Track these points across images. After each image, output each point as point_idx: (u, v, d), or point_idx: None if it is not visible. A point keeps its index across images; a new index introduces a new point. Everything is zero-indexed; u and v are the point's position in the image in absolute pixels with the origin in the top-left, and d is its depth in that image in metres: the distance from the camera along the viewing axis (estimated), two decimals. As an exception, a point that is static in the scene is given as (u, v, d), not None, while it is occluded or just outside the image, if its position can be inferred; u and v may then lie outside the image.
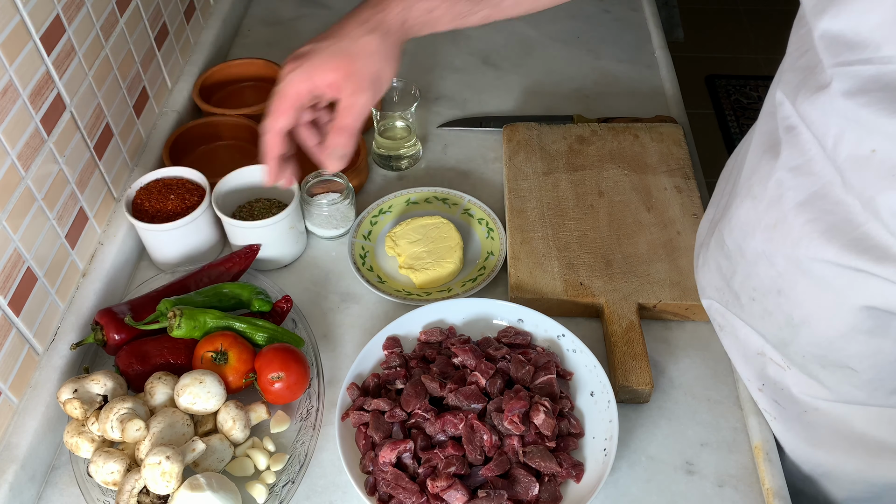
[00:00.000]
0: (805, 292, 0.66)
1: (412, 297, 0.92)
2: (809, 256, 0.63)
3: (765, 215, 0.67)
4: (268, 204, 0.99)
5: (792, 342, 0.71)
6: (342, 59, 0.69)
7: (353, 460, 0.77)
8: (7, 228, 0.76)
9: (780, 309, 0.70)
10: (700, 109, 2.64)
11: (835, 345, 0.66)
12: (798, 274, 0.66)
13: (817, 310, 0.66)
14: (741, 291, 0.75)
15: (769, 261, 0.68)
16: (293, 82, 0.70)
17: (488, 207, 1.02)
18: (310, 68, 0.70)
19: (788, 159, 0.64)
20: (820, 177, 0.61)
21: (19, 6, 0.77)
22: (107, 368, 0.84)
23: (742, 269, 0.74)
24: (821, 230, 0.61)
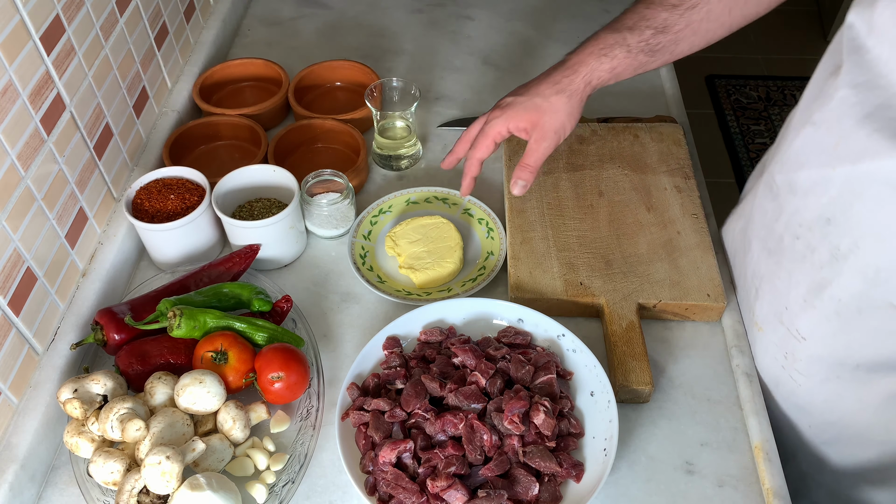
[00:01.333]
0: (860, 212, 0.67)
1: (412, 297, 0.92)
2: (872, 167, 0.64)
3: (825, 137, 0.69)
4: (268, 204, 0.99)
5: (832, 282, 0.71)
6: (533, 113, 0.85)
7: (353, 460, 0.77)
8: (7, 228, 0.76)
9: (827, 241, 0.71)
10: (700, 109, 2.64)
11: (882, 274, 0.67)
12: (854, 193, 0.67)
13: (871, 230, 0.66)
14: (785, 231, 0.77)
15: (823, 187, 0.70)
16: (495, 126, 0.88)
17: (488, 207, 1.02)
18: (508, 117, 0.87)
19: (853, 77, 0.66)
20: (886, 89, 0.63)
21: (19, 6, 0.77)
22: (107, 368, 0.84)
23: (789, 206, 0.76)
24: (888, 136, 0.62)
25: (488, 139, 0.88)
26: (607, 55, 0.83)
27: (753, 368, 0.85)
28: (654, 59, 0.84)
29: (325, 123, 1.10)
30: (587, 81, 0.84)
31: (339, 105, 1.20)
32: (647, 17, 0.83)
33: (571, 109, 0.85)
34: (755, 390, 0.83)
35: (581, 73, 0.84)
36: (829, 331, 0.74)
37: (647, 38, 0.82)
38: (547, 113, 0.85)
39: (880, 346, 0.70)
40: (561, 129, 0.86)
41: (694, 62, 2.78)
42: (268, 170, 0.98)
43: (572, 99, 0.84)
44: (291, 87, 1.16)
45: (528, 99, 0.86)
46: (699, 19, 0.82)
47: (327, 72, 1.21)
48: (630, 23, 0.83)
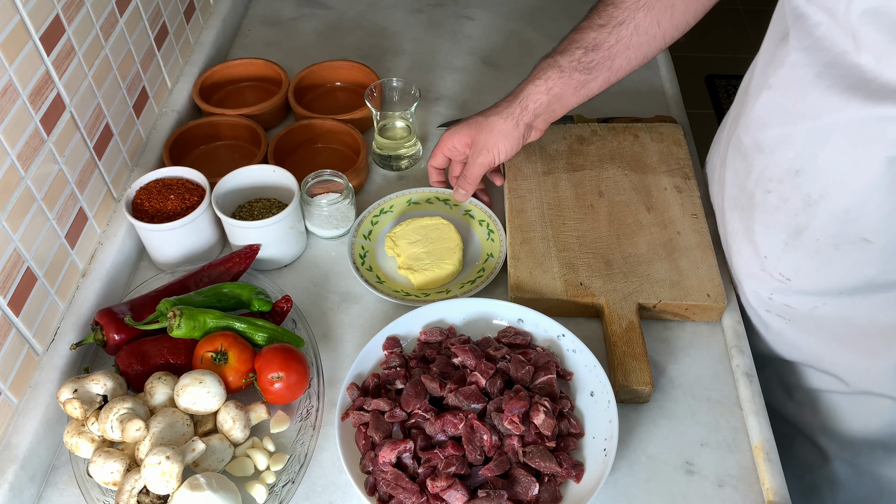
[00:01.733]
0: (826, 162, 0.73)
1: (410, 298, 0.92)
2: (831, 121, 0.70)
3: (782, 98, 0.76)
4: (268, 204, 0.99)
5: (807, 226, 0.77)
6: (472, 129, 0.97)
7: (353, 460, 0.77)
8: (7, 228, 0.76)
9: (798, 191, 0.77)
10: (700, 109, 2.64)
11: (852, 214, 0.73)
12: (818, 145, 0.73)
13: (837, 177, 0.72)
14: (756, 188, 0.83)
15: (788, 143, 0.76)
16: (444, 138, 1.00)
17: (489, 209, 1.02)
18: (454, 131, 0.99)
19: (800, 42, 0.72)
20: (831, 49, 0.69)
21: (19, 6, 0.77)
22: (107, 368, 0.84)
23: (759, 163, 0.81)
24: (839, 91, 0.68)
25: (438, 150, 1.02)
26: (541, 77, 0.92)
27: (753, 368, 0.85)
28: (593, 75, 0.91)
29: (325, 123, 1.10)
30: (523, 106, 0.93)
31: (339, 105, 1.20)
32: (576, 40, 0.91)
33: (506, 130, 0.94)
34: (755, 390, 0.83)
35: (519, 97, 0.93)
36: (812, 268, 0.80)
37: (579, 58, 0.91)
38: (483, 131, 0.95)
39: (858, 274, 0.77)
40: (494, 147, 0.95)
41: (694, 62, 2.79)
42: (268, 170, 0.98)
43: (507, 121, 0.94)
44: (291, 87, 1.16)
45: (475, 118, 0.97)
46: (628, 34, 0.89)
47: (327, 72, 1.21)
48: (562, 47, 0.93)
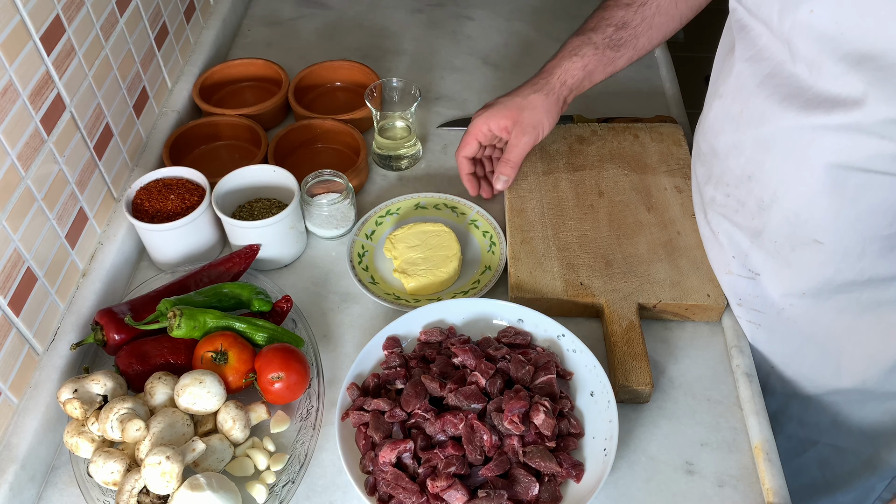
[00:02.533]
0: (772, 168, 0.75)
1: (400, 303, 0.92)
2: (773, 129, 0.72)
3: (731, 106, 0.79)
4: (268, 204, 0.99)
5: (764, 228, 0.79)
6: (513, 110, 0.94)
7: (353, 460, 0.77)
8: (7, 228, 0.76)
9: (752, 195, 0.79)
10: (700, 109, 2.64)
11: (801, 217, 0.75)
12: (764, 152, 0.75)
13: (784, 182, 0.75)
14: (716, 192, 0.86)
15: (739, 150, 0.79)
16: (477, 124, 0.96)
17: (495, 221, 1.01)
18: (490, 115, 0.95)
19: (743, 52, 0.76)
20: (771, 60, 0.72)
21: (19, 6, 0.77)
22: (107, 368, 0.84)
23: (717, 168, 0.84)
24: (778, 101, 0.71)
25: (471, 137, 0.97)
26: (577, 54, 0.93)
27: (753, 368, 0.85)
28: (620, 53, 0.94)
29: (325, 123, 1.10)
30: (562, 81, 0.93)
31: (339, 105, 1.20)
32: (606, 17, 0.93)
33: (549, 106, 0.93)
34: (755, 390, 0.83)
35: (556, 73, 0.93)
36: (774, 266, 0.82)
37: (610, 35, 0.93)
38: (525, 110, 0.93)
39: (816, 275, 0.79)
40: (539, 125, 0.94)
41: (694, 62, 2.79)
42: (267, 170, 0.98)
43: (549, 97, 0.93)
44: (291, 88, 1.16)
45: (509, 99, 0.94)
46: (651, 14, 0.93)
47: (327, 72, 1.21)
48: (592, 24, 0.94)
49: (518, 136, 0.94)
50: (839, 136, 0.67)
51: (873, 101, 0.63)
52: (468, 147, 0.98)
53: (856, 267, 0.76)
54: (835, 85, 0.65)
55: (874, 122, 0.64)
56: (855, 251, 0.74)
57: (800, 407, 0.94)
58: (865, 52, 0.62)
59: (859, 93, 0.64)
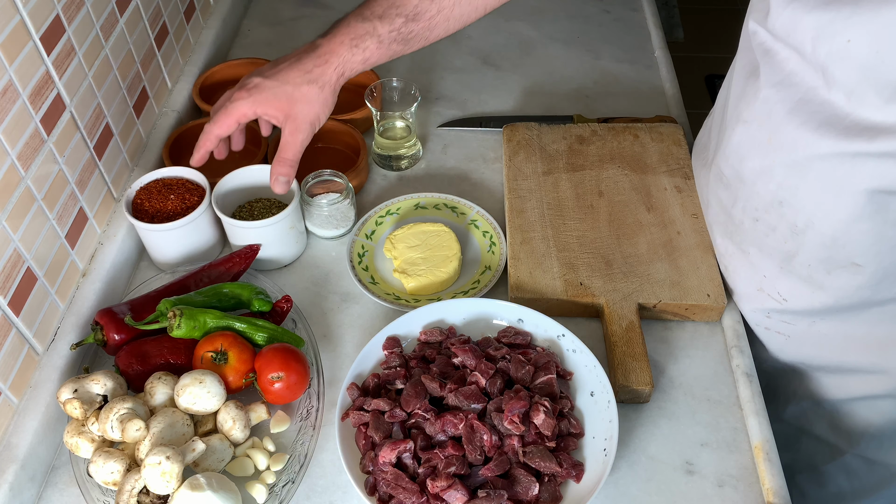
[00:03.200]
0: (807, 194, 0.73)
1: (400, 302, 0.92)
2: (808, 155, 0.70)
3: (758, 133, 0.76)
4: (268, 204, 0.99)
5: (798, 253, 0.77)
6: (284, 102, 0.83)
7: (353, 460, 0.77)
8: (7, 228, 0.76)
9: (784, 220, 0.77)
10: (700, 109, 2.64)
11: (839, 241, 0.72)
12: (798, 178, 0.72)
13: (820, 208, 0.72)
14: (744, 216, 0.82)
15: (768, 175, 0.76)
16: (241, 107, 0.84)
17: (495, 221, 1.00)
18: (256, 102, 0.84)
19: (770, 78, 0.72)
20: (801, 85, 0.69)
21: (19, 6, 0.77)
22: (107, 368, 0.84)
23: (742, 194, 0.81)
24: (813, 128, 0.68)
25: (231, 118, 0.85)
26: (359, 46, 0.83)
27: (753, 368, 0.85)
28: (409, 46, 0.85)
29: (325, 123, 1.10)
30: (340, 73, 0.84)
31: (339, 105, 1.19)
32: (397, 5, 0.83)
33: (325, 99, 0.85)
34: (755, 390, 0.83)
35: (333, 63, 0.83)
36: (807, 291, 0.80)
37: (399, 27, 0.83)
38: (299, 103, 0.84)
39: (853, 295, 0.77)
40: (315, 120, 0.86)
41: (694, 62, 2.79)
42: (267, 170, 0.98)
43: (324, 90, 0.84)
44: (291, 87, 1.16)
45: (279, 85, 0.83)
46: (450, 4, 0.83)
47: (327, 72, 1.20)
48: (380, 10, 0.83)
49: (293, 133, 0.86)
50: (882, 163, 0.65)
51: None
52: (226, 127, 0.86)
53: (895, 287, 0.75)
54: (878, 113, 0.64)
55: None
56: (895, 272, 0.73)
57: (830, 408, 0.92)
58: None
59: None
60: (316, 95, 0.84)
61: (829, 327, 0.82)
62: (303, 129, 0.86)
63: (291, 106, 0.84)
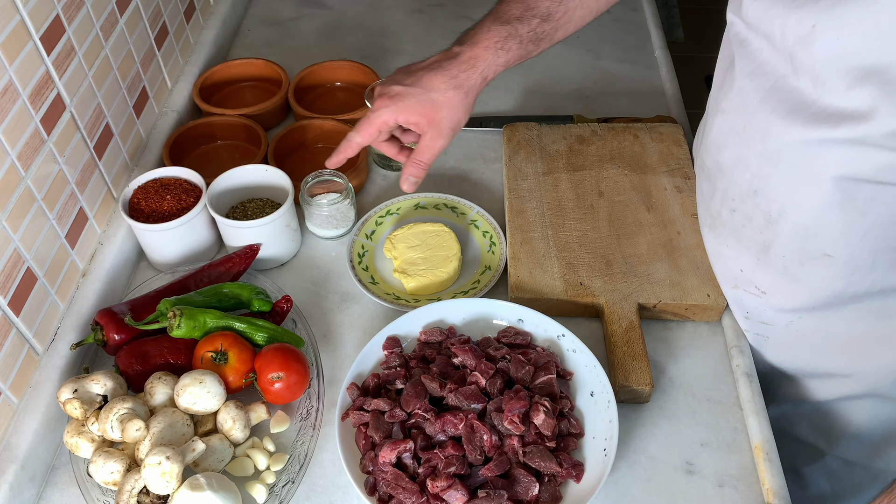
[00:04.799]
0: (779, 182, 0.74)
1: (400, 302, 0.92)
2: (779, 143, 0.71)
3: (734, 122, 0.77)
4: (261, 204, 0.99)
5: (773, 243, 0.78)
6: (428, 108, 0.83)
7: (353, 460, 0.77)
8: (7, 228, 0.76)
9: (759, 209, 0.78)
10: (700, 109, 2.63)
11: (811, 231, 0.74)
12: (770, 166, 0.74)
13: (792, 196, 0.73)
14: (722, 207, 0.84)
15: (744, 164, 0.77)
16: (383, 115, 0.84)
17: (495, 221, 1.00)
18: (399, 109, 0.83)
19: (744, 67, 0.74)
20: (773, 74, 0.70)
21: (19, 6, 0.77)
22: (107, 368, 0.84)
23: (721, 184, 0.83)
24: (782, 115, 0.70)
25: (373, 127, 0.85)
26: (503, 48, 0.84)
27: (753, 368, 0.85)
28: (539, 47, 0.87)
29: (325, 123, 1.10)
30: (483, 77, 0.85)
31: (339, 105, 1.20)
32: (531, 7, 0.85)
33: (468, 105, 0.85)
34: (755, 390, 0.83)
35: (478, 68, 0.84)
36: (783, 283, 0.80)
37: (534, 27, 0.85)
38: (444, 109, 0.84)
39: (826, 289, 0.77)
40: (458, 126, 0.86)
41: (694, 62, 2.78)
42: (260, 169, 0.98)
43: (469, 95, 0.84)
44: (291, 88, 1.16)
45: (424, 93, 0.83)
46: (574, 6, 0.86)
47: (327, 72, 1.21)
48: (517, 13, 0.85)
49: (435, 138, 0.85)
50: (847, 150, 0.66)
51: (882, 114, 0.62)
52: (368, 135, 0.86)
53: (867, 279, 0.75)
54: (841, 99, 0.65)
55: (883, 134, 0.64)
56: (866, 263, 0.74)
57: (811, 409, 0.93)
58: (871, 65, 0.61)
59: (867, 106, 0.63)
60: (461, 101, 0.84)
61: (807, 326, 0.82)
62: (445, 134, 0.85)
63: (436, 112, 0.84)
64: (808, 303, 0.80)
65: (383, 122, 0.85)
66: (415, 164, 0.87)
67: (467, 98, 0.84)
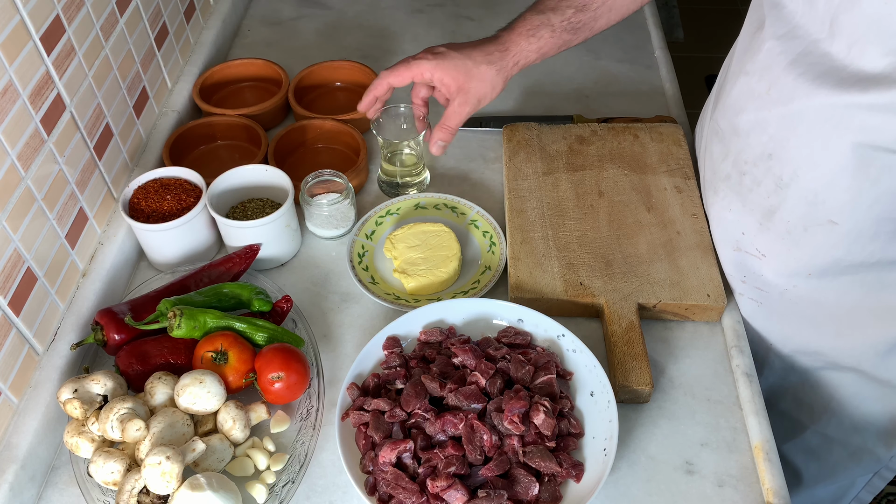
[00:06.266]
0: (796, 146, 0.75)
1: (400, 302, 0.92)
2: (802, 107, 0.72)
3: (757, 84, 0.78)
4: (261, 204, 0.99)
5: (779, 208, 0.80)
6: (462, 74, 0.89)
7: (353, 460, 0.77)
8: (7, 228, 0.76)
9: (770, 173, 0.79)
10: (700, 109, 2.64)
11: (820, 196, 0.75)
12: (790, 130, 0.75)
13: (807, 160, 0.74)
14: (732, 170, 0.85)
15: (761, 127, 0.78)
16: (422, 66, 0.90)
17: (495, 221, 1.00)
18: (437, 66, 0.89)
19: (775, 30, 0.75)
20: (804, 38, 0.71)
21: (19, 6, 0.77)
22: (107, 368, 0.84)
23: (735, 146, 0.84)
24: (811, 79, 0.71)
25: (410, 72, 0.91)
26: (535, 35, 0.90)
27: (753, 368, 0.85)
28: (577, 36, 0.92)
29: (325, 124, 1.10)
30: (515, 61, 0.91)
31: (339, 105, 1.20)
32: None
33: (496, 83, 0.91)
34: (755, 390, 0.83)
35: (511, 51, 0.90)
36: (783, 248, 0.82)
37: (570, 17, 0.90)
38: (475, 79, 0.90)
39: (826, 256, 0.79)
40: (483, 98, 0.91)
41: (694, 62, 2.79)
42: (260, 169, 0.98)
43: (500, 74, 0.90)
44: (291, 88, 1.16)
45: (462, 59, 0.89)
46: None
47: (327, 72, 1.21)
48: (552, 3, 0.91)
49: (462, 104, 0.92)
50: (871, 116, 0.67)
51: None
52: (401, 78, 0.92)
53: (866, 249, 0.77)
54: (876, 64, 0.65)
55: None
56: (868, 233, 0.75)
57: (797, 381, 0.95)
58: None
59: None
60: (491, 77, 0.90)
61: (801, 294, 0.84)
62: (471, 102, 0.91)
63: (468, 80, 0.89)
64: (805, 268, 0.81)
65: (420, 73, 0.90)
66: (443, 128, 0.94)
67: (498, 76, 0.90)
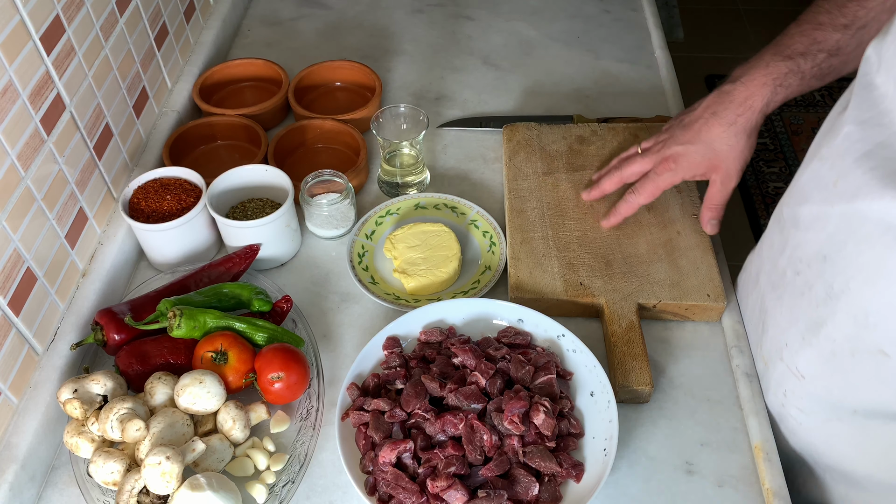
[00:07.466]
0: (853, 253, 0.65)
1: (400, 303, 0.92)
2: (865, 207, 0.62)
3: (828, 173, 0.68)
4: (260, 204, 0.99)
5: (826, 322, 0.69)
6: (713, 160, 0.85)
7: (353, 460, 0.77)
8: (7, 228, 0.76)
9: (822, 278, 0.69)
10: (700, 109, 2.64)
11: (871, 318, 0.64)
12: (849, 232, 0.65)
13: (862, 272, 0.64)
14: (788, 266, 0.76)
15: (822, 223, 0.69)
16: (668, 179, 0.88)
17: (495, 221, 1.00)
18: (683, 170, 0.86)
19: (859, 113, 0.65)
20: (887, 126, 0.61)
21: (19, 6, 0.77)
22: (107, 368, 0.84)
23: (793, 240, 0.75)
24: (882, 175, 0.61)
25: (659, 191, 0.88)
26: (782, 85, 0.81)
27: (753, 368, 0.85)
28: (822, 81, 0.81)
29: (325, 123, 1.10)
30: (763, 114, 0.83)
31: (339, 105, 1.20)
32: (818, 41, 0.79)
33: (752, 144, 0.85)
34: (755, 390, 0.83)
35: (757, 108, 0.82)
36: (826, 371, 0.72)
37: (820, 63, 0.80)
38: (729, 158, 0.84)
39: (874, 393, 0.68)
40: (745, 165, 0.86)
41: (694, 62, 2.79)
42: (259, 169, 0.98)
43: (752, 136, 0.84)
44: (291, 88, 1.16)
45: (705, 148, 0.84)
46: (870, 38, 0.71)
47: (327, 72, 1.21)
48: (801, 48, 0.80)
49: (725, 182, 0.87)
50: None
51: None
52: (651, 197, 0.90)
53: None
54: None
55: None
56: None
57: None
58: None
59: None
60: (745, 145, 0.84)
61: (845, 431, 0.73)
62: (734, 177, 0.86)
63: (721, 162, 0.85)
64: (850, 401, 0.71)
65: (668, 185, 0.88)
66: (711, 208, 0.90)
67: (750, 139, 0.84)
